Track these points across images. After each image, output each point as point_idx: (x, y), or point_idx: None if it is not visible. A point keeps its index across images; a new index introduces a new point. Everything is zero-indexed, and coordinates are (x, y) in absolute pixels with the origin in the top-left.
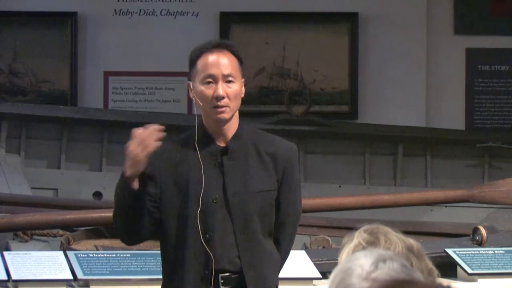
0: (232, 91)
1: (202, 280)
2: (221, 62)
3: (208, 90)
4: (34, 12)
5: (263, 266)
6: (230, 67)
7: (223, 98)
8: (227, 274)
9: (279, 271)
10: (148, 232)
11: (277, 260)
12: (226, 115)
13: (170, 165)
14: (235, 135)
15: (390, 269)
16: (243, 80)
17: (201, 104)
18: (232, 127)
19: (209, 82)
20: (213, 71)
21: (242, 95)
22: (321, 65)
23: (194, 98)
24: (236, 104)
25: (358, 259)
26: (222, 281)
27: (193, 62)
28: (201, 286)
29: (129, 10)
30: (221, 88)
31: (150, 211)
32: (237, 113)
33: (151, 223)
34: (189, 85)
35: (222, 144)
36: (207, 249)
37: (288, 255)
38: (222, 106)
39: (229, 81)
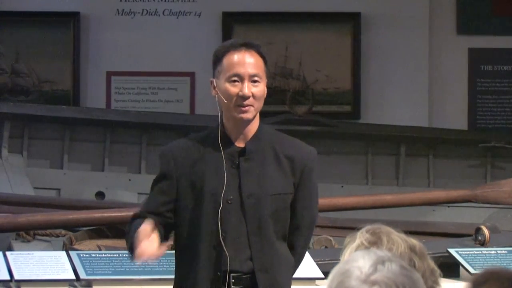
0: (257, 91)
1: (214, 281)
2: (248, 61)
3: (234, 88)
4: (36, 12)
5: (276, 268)
6: (257, 67)
7: (248, 97)
8: (239, 274)
9: (292, 275)
10: (166, 239)
11: (290, 264)
12: (249, 115)
13: (187, 164)
14: (254, 137)
15: (389, 271)
16: (266, 80)
17: (225, 101)
18: (252, 128)
19: (235, 81)
20: (240, 70)
21: (265, 96)
22: (324, 65)
23: (216, 96)
24: (259, 105)
25: (356, 261)
26: (233, 280)
27: (218, 59)
28: (214, 286)
29: (132, 10)
30: (247, 88)
31: (166, 218)
32: (258, 114)
33: (168, 229)
34: (212, 82)
35: (241, 145)
36: (224, 248)
37: (302, 260)
38: (247, 106)
39: (255, 81)
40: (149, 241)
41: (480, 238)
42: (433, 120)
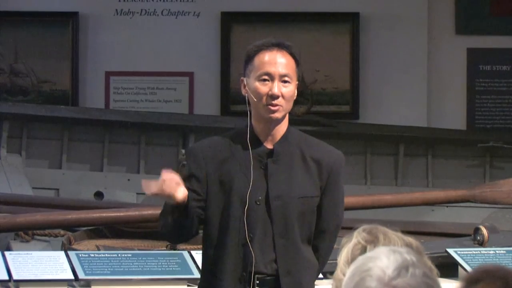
0: (287, 91)
1: (239, 281)
2: (279, 61)
3: (263, 87)
4: (35, 12)
5: (299, 272)
6: (288, 67)
7: (278, 97)
8: (263, 275)
9: (315, 279)
10: (195, 231)
11: (314, 268)
12: (278, 115)
13: (216, 163)
14: (282, 138)
15: (411, 278)
16: (297, 82)
17: (254, 100)
18: (281, 129)
19: (265, 80)
20: (271, 69)
21: (294, 97)
22: (323, 65)
23: (246, 95)
24: (289, 106)
25: (380, 260)
26: (258, 282)
27: (250, 58)
28: (239, 286)
29: (130, 10)
30: (277, 87)
31: (197, 213)
32: (287, 116)
33: (198, 223)
34: (242, 81)
35: (269, 146)
36: (251, 249)
37: (325, 264)
38: (276, 105)
39: (285, 81)
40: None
41: (478, 238)
42: (431, 120)
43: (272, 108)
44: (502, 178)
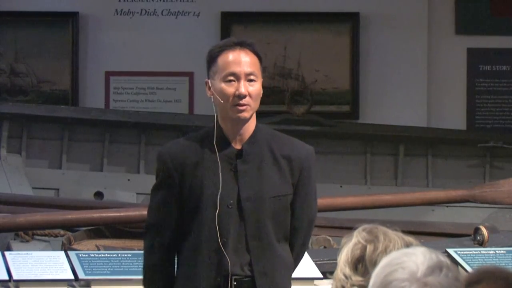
0: (253, 90)
1: (215, 285)
2: (243, 60)
3: (230, 88)
4: (35, 12)
5: (275, 272)
6: (252, 66)
7: (245, 96)
8: (239, 277)
9: (291, 277)
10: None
11: (290, 266)
12: (246, 114)
13: (186, 168)
14: (251, 138)
15: (444, 278)
16: (262, 80)
17: (221, 101)
18: (249, 129)
19: (230, 80)
20: (236, 69)
21: (261, 96)
22: (322, 65)
23: (212, 97)
24: (256, 104)
25: (416, 256)
26: (235, 283)
27: (213, 59)
28: None
29: (130, 10)
30: (243, 87)
31: (178, 225)
32: (254, 115)
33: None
34: (207, 83)
35: (238, 147)
36: (225, 253)
37: (301, 259)
38: (243, 105)
39: (251, 80)
40: None
41: (478, 238)
42: (431, 120)
43: (240, 107)
44: (502, 178)
